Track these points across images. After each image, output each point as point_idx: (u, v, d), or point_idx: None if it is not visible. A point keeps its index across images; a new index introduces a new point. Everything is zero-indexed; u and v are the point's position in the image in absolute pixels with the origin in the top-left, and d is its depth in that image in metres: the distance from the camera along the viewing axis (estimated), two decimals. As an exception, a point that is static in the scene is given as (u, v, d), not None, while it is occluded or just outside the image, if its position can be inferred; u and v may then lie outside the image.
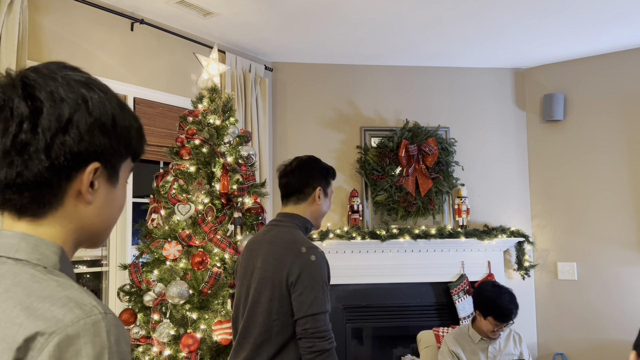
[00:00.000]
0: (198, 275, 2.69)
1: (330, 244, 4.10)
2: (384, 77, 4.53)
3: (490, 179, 4.55)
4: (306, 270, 1.88)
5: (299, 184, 2.10)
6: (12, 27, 2.59)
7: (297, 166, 2.14)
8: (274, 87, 4.40)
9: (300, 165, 2.13)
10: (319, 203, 2.12)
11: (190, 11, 3.38)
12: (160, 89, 3.53)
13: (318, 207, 2.12)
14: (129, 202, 3.29)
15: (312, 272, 1.88)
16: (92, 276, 3.25)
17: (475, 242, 4.24)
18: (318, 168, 2.14)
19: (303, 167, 2.12)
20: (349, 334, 4.17)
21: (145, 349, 2.64)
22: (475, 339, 2.96)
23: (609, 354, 4.12)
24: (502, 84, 4.64)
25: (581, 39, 3.95)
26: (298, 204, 2.10)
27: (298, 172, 2.12)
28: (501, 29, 3.74)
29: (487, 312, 2.85)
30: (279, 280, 1.90)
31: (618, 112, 4.21)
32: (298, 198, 2.10)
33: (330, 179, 2.17)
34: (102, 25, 3.22)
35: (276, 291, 1.90)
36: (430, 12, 3.44)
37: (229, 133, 2.94)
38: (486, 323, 2.86)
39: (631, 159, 4.14)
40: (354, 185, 4.37)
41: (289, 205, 2.12)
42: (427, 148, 4.30)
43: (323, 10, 3.41)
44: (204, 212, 2.75)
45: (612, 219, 4.18)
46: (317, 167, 2.14)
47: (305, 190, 2.10)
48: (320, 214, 2.14)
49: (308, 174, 2.11)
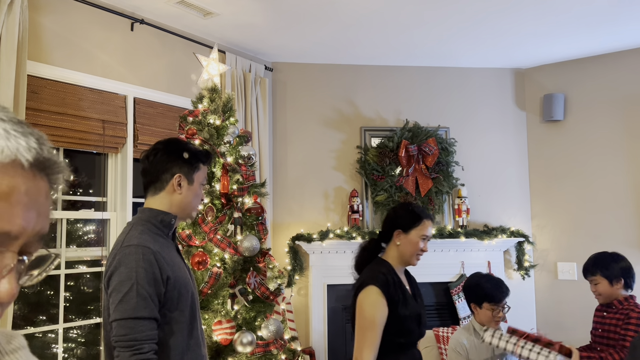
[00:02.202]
0: (198, 275, 2.69)
1: (330, 244, 4.10)
2: (384, 77, 4.53)
3: (490, 179, 4.54)
4: (117, 270, 1.65)
5: (156, 171, 1.82)
6: (12, 27, 2.59)
7: (153, 150, 1.85)
8: (274, 87, 4.40)
9: (158, 149, 1.84)
10: (179, 193, 1.81)
11: (190, 11, 3.38)
12: (160, 89, 3.53)
13: (180, 198, 1.82)
14: (128, 202, 3.30)
15: (121, 272, 1.63)
16: (92, 276, 3.25)
17: (475, 242, 4.24)
18: (177, 151, 1.83)
19: (159, 151, 1.83)
20: (349, 334, 4.17)
21: (145, 349, 2.64)
22: (480, 332, 2.96)
23: (609, 354, 4.12)
24: (502, 84, 4.64)
25: (581, 39, 3.95)
26: (156, 195, 1.82)
27: (153, 157, 1.83)
28: (501, 29, 3.74)
29: (480, 300, 2.82)
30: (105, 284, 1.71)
31: (618, 112, 4.21)
32: (155, 187, 1.82)
33: (198, 163, 1.86)
34: (102, 25, 3.22)
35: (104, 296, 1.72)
36: (430, 12, 3.44)
37: (229, 133, 2.94)
38: (484, 312, 2.84)
39: (631, 158, 4.14)
40: (354, 185, 4.37)
41: (147, 196, 1.85)
42: (427, 148, 4.30)
43: (323, 10, 3.41)
44: (204, 212, 2.75)
45: (612, 219, 4.18)
46: (175, 150, 1.83)
47: (162, 177, 1.81)
48: (187, 205, 1.84)
49: (165, 159, 1.82)
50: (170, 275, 1.69)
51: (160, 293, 1.66)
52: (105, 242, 3.28)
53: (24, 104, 2.65)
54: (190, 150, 1.85)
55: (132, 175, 3.33)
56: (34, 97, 2.83)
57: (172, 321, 1.70)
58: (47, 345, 3.01)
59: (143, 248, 1.66)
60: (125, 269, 1.63)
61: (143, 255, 1.64)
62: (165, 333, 1.68)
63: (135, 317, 1.59)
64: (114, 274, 1.65)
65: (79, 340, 3.18)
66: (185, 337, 1.72)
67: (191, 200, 1.84)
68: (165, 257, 1.71)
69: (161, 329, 1.68)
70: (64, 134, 2.97)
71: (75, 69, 3.06)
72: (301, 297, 4.24)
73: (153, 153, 1.83)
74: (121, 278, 1.63)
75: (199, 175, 1.86)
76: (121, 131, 3.27)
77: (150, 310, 1.62)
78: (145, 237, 1.71)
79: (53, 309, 3.03)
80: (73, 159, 3.21)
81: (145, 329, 1.60)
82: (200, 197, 1.89)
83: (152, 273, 1.64)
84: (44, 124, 2.88)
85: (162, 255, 1.70)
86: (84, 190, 3.25)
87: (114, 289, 1.64)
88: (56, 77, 2.95)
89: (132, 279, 1.61)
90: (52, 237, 3.07)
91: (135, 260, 1.64)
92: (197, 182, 1.85)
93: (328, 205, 4.35)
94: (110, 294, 1.65)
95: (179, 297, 1.71)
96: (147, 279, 1.62)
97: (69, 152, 3.16)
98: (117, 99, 3.27)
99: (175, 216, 1.81)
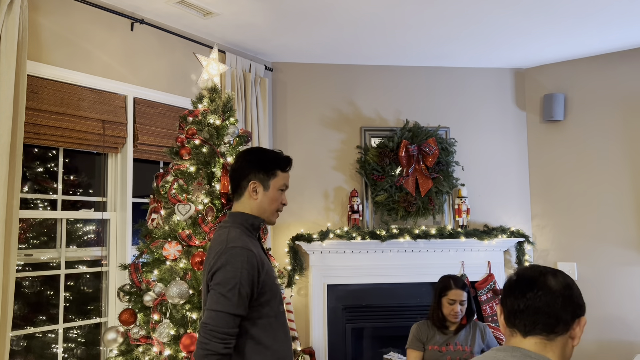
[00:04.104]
0: (198, 275, 2.68)
1: (330, 244, 4.10)
2: (384, 77, 4.53)
3: (490, 179, 4.55)
4: (224, 267, 1.80)
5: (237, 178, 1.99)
6: (12, 27, 2.59)
7: (237, 158, 2.02)
8: (274, 87, 4.40)
9: (240, 157, 2.00)
10: (255, 198, 1.96)
11: (190, 11, 3.38)
12: (160, 89, 3.53)
13: (256, 203, 1.97)
14: (128, 202, 3.30)
15: (227, 270, 1.80)
16: (92, 276, 3.25)
17: (475, 242, 4.24)
18: (254, 159, 1.98)
19: (240, 159, 1.99)
20: (349, 334, 4.17)
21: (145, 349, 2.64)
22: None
23: (609, 354, 4.12)
24: (502, 84, 4.64)
25: (581, 39, 3.95)
26: (239, 200, 1.99)
27: (236, 165, 2.00)
28: (501, 29, 3.74)
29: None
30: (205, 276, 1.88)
31: (618, 112, 4.21)
32: (238, 193, 1.99)
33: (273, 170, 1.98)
34: (102, 25, 3.22)
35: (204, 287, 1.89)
36: (430, 12, 3.44)
37: (229, 133, 2.94)
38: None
39: (631, 158, 4.14)
40: (354, 185, 4.37)
41: (234, 201, 2.02)
42: (427, 148, 4.30)
43: (323, 10, 3.41)
44: (204, 212, 2.75)
45: (612, 219, 4.18)
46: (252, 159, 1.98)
47: (241, 184, 1.97)
48: (265, 209, 1.98)
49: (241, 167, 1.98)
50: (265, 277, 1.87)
51: (254, 293, 1.83)
52: (105, 242, 3.28)
53: (24, 104, 2.65)
54: (267, 157, 1.98)
55: (132, 175, 3.33)
56: (34, 97, 2.83)
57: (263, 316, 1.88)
58: (47, 345, 3.01)
59: (248, 251, 1.83)
60: (232, 268, 1.79)
61: (247, 258, 1.82)
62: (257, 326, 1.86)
63: (233, 313, 1.77)
64: (219, 270, 1.80)
65: (79, 340, 3.18)
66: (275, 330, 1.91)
67: (268, 206, 1.98)
68: (262, 257, 1.89)
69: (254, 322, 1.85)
70: (64, 134, 2.97)
71: (75, 69, 3.06)
72: (301, 297, 4.24)
73: (237, 161, 1.99)
74: (227, 275, 1.79)
75: (276, 181, 1.98)
76: (121, 131, 3.27)
77: (244, 308, 1.81)
78: (245, 239, 1.89)
79: (53, 309, 3.03)
80: (73, 159, 3.21)
81: (236, 326, 1.79)
82: (280, 201, 2.01)
83: (252, 275, 1.82)
84: (44, 124, 2.88)
85: (260, 257, 1.87)
86: (84, 190, 3.25)
87: (219, 282, 1.79)
88: (56, 77, 2.95)
89: (237, 278, 1.78)
90: (52, 237, 3.07)
91: (241, 262, 1.80)
92: (273, 188, 1.98)
93: (328, 205, 4.35)
94: (214, 287, 1.80)
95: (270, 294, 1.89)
96: (248, 280, 1.80)
97: (69, 152, 3.16)
98: (117, 99, 3.27)
99: (263, 220, 1.99)
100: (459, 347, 2.96)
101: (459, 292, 2.97)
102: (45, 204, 3.06)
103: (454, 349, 2.95)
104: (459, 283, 3.00)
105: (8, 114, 2.55)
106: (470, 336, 3.01)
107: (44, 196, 3.05)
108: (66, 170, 3.17)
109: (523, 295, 1.29)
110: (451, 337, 2.99)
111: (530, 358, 1.24)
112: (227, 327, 1.76)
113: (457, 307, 2.95)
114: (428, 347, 2.98)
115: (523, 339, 1.28)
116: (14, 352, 2.85)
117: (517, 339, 1.29)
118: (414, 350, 3.00)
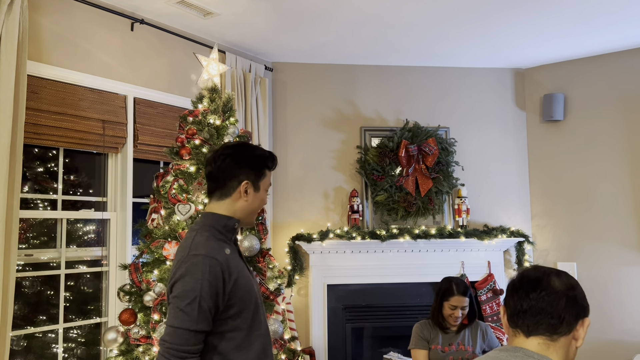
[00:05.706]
0: (198, 275, 2.68)
1: (330, 244, 4.10)
2: (384, 77, 4.53)
3: (490, 179, 4.55)
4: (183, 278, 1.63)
5: (223, 177, 1.78)
6: (12, 27, 2.59)
7: (221, 154, 1.79)
8: (274, 87, 4.40)
9: (227, 154, 1.79)
10: (246, 199, 1.79)
11: (190, 11, 3.38)
12: (160, 89, 3.53)
13: (246, 204, 1.79)
14: (129, 202, 3.30)
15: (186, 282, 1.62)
16: (92, 276, 3.25)
17: (475, 242, 4.24)
18: (245, 157, 1.79)
19: (228, 157, 1.78)
20: (349, 334, 4.17)
21: (146, 349, 2.64)
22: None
23: (609, 354, 4.12)
24: (502, 84, 4.64)
25: (581, 39, 3.95)
26: (222, 200, 1.79)
27: (221, 162, 1.78)
28: (501, 29, 3.74)
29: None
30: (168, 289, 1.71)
31: (618, 112, 4.21)
32: (221, 193, 1.78)
33: (262, 169, 1.82)
34: (102, 25, 3.22)
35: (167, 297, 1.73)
36: (430, 12, 3.44)
37: (229, 133, 2.94)
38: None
39: (631, 158, 4.15)
40: (354, 185, 4.38)
41: (211, 201, 1.81)
42: (427, 148, 4.30)
43: (323, 10, 3.41)
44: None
45: (612, 219, 4.18)
46: (243, 157, 1.79)
47: (229, 183, 1.77)
48: (253, 211, 1.82)
49: (229, 166, 1.77)
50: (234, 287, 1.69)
51: (219, 305, 1.66)
52: (106, 242, 3.28)
53: (24, 104, 2.65)
54: (256, 155, 1.81)
55: (132, 175, 3.33)
56: (34, 97, 2.83)
57: (234, 329, 1.70)
58: (47, 345, 3.01)
59: (210, 259, 1.65)
60: (192, 279, 1.62)
61: (210, 267, 1.63)
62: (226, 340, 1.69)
63: (193, 329, 1.60)
64: (178, 281, 1.64)
65: (79, 340, 3.18)
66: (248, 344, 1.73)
67: (256, 207, 1.83)
68: (230, 265, 1.70)
69: (222, 336, 1.68)
70: (64, 134, 2.98)
71: (75, 69, 3.06)
72: (301, 297, 4.24)
73: (221, 158, 1.78)
74: (186, 287, 1.62)
75: (264, 181, 1.84)
76: (121, 131, 3.27)
77: (207, 323, 1.64)
78: (212, 244, 1.70)
79: (53, 309, 3.03)
80: (73, 159, 3.21)
81: (198, 342, 1.62)
82: (265, 202, 1.87)
83: (215, 287, 1.63)
84: (44, 124, 2.88)
85: (227, 265, 1.69)
86: (84, 190, 3.25)
87: (177, 296, 1.63)
88: (56, 77, 2.95)
89: (197, 291, 1.61)
90: (52, 237, 3.07)
91: (202, 272, 1.62)
92: (262, 188, 1.83)
93: (328, 205, 4.35)
94: (172, 300, 1.65)
95: (241, 305, 1.71)
96: (210, 292, 1.62)
97: (69, 152, 3.16)
98: (117, 99, 3.27)
99: (238, 221, 1.79)
100: (462, 347, 2.96)
101: (461, 298, 2.94)
102: (46, 204, 3.06)
103: (456, 349, 2.95)
104: (461, 288, 2.96)
105: (8, 114, 2.55)
106: (472, 336, 3.01)
107: (44, 196, 3.05)
108: (66, 170, 3.17)
109: (526, 295, 1.28)
110: (453, 337, 2.99)
111: (533, 358, 1.24)
112: (187, 344, 1.60)
113: (459, 313, 2.93)
114: (431, 346, 2.98)
115: (526, 340, 1.28)
116: (14, 352, 2.85)
117: (520, 339, 1.29)
118: (420, 349, 2.98)
